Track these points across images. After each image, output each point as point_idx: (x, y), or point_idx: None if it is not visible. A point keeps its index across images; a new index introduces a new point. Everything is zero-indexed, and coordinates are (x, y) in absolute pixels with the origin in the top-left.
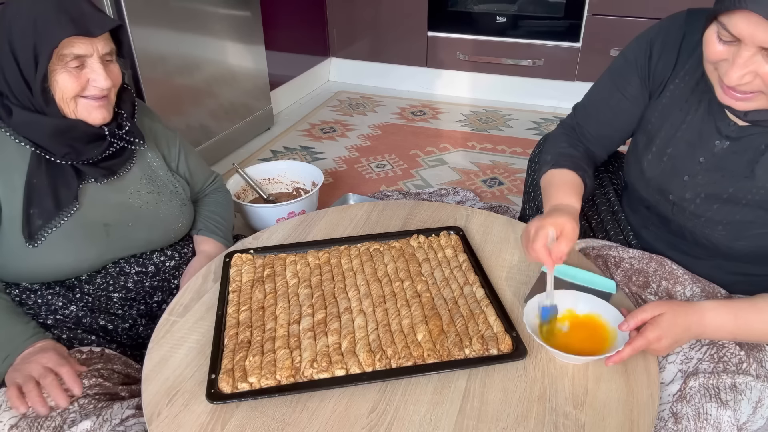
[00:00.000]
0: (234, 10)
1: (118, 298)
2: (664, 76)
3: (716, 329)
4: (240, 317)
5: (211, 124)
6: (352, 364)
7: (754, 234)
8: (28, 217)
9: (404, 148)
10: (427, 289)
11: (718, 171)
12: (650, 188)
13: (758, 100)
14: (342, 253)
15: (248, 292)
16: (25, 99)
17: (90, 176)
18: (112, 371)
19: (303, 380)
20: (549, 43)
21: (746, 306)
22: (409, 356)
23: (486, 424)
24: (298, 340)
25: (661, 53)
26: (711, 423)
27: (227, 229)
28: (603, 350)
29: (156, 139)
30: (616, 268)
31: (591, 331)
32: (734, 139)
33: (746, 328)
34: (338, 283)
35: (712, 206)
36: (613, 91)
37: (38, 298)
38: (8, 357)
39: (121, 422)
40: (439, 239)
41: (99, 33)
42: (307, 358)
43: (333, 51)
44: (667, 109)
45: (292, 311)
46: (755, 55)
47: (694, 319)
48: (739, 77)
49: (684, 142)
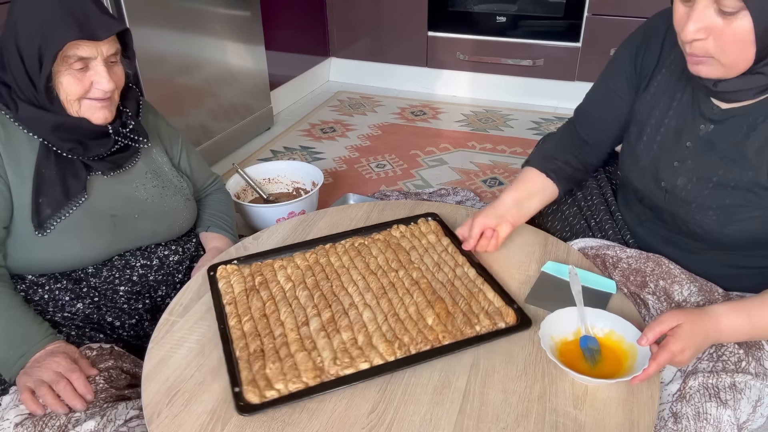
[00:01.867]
0: (234, 10)
1: (124, 292)
2: (649, 69)
3: (732, 332)
4: (244, 328)
5: (211, 124)
6: (374, 356)
7: (744, 218)
8: (37, 206)
9: (404, 148)
10: (423, 276)
11: (705, 155)
12: (644, 177)
13: (713, 66)
14: (329, 252)
15: (245, 302)
16: (31, 95)
17: (96, 169)
18: (120, 371)
19: (330, 378)
20: (549, 43)
21: (758, 304)
22: (426, 340)
23: (486, 424)
24: (312, 342)
25: (646, 48)
26: (711, 422)
27: (233, 226)
28: (624, 367)
29: (160, 136)
30: (614, 268)
31: (608, 351)
32: (718, 122)
33: (762, 326)
34: (335, 281)
35: (702, 191)
36: (607, 91)
37: (45, 293)
38: (23, 356)
39: (125, 423)
40: (419, 227)
41: (104, 37)
42: (328, 356)
43: (333, 51)
44: (655, 99)
45: (296, 314)
46: (707, 8)
47: (711, 325)
48: (694, 31)
49: (671, 129)
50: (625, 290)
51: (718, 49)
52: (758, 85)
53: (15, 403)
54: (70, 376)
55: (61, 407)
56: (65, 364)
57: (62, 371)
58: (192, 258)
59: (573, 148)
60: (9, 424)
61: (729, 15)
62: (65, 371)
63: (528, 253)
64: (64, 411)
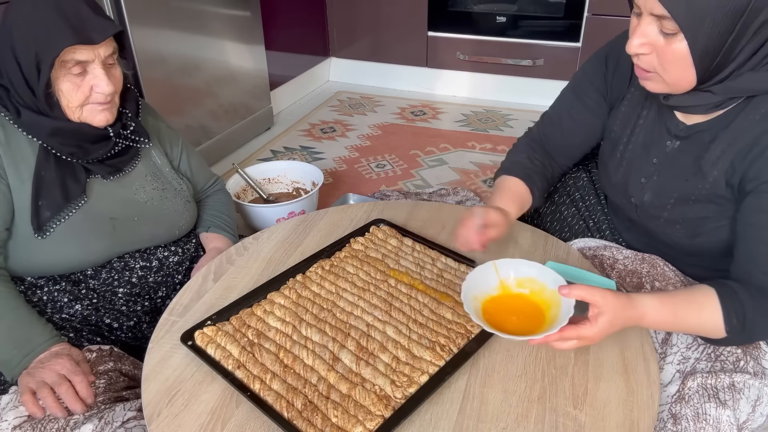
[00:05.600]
0: (234, 10)
1: (122, 294)
2: (622, 87)
3: (654, 325)
4: (274, 387)
5: (211, 124)
6: (426, 367)
7: (710, 229)
8: (36, 208)
9: (404, 148)
10: (412, 278)
11: (670, 170)
12: (617, 193)
13: (658, 82)
14: (306, 283)
15: (254, 360)
16: (30, 101)
17: (96, 173)
18: (119, 373)
19: (400, 403)
20: (549, 43)
21: (685, 305)
22: (459, 334)
23: (486, 424)
24: (357, 374)
25: (616, 66)
26: (710, 423)
27: (234, 226)
28: (546, 318)
29: (159, 138)
30: (611, 269)
31: (529, 304)
32: (683, 138)
33: (683, 325)
34: (334, 309)
35: (666, 206)
36: (574, 102)
37: (44, 294)
38: (27, 356)
39: (122, 424)
40: (375, 234)
41: (100, 40)
42: (383, 384)
43: (333, 51)
44: (627, 117)
45: (321, 354)
46: (651, 25)
47: (635, 317)
48: (637, 45)
49: (639, 145)
50: (622, 291)
51: (660, 66)
52: (708, 102)
53: (14, 404)
54: (73, 379)
55: (61, 411)
56: (69, 367)
57: (65, 373)
58: (191, 259)
59: (545, 162)
60: (7, 426)
61: (668, 36)
62: (68, 373)
63: (528, 253)
64: (64, 415)
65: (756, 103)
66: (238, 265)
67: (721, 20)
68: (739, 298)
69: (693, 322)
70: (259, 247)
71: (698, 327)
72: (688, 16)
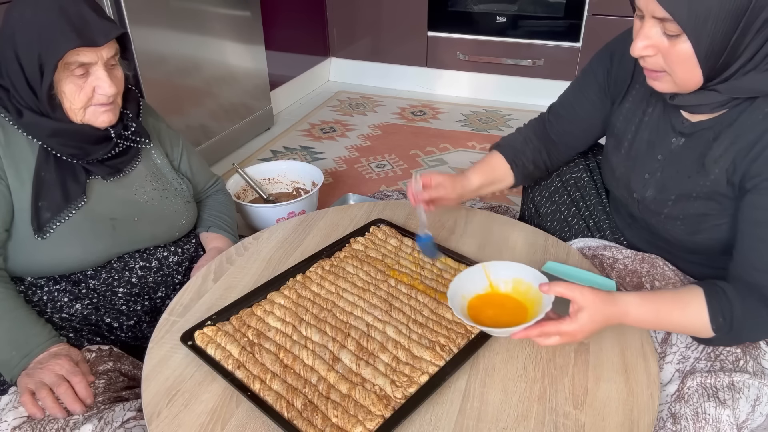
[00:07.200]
0: (234, 10)
1: (122, 293)
2: (624, 83)
3: (636, 323)
4: (274, 387)
5: (211, 124)
6: (426, 367)
7: (710, 226)
8: (36, 209)
9: (404, 148)
10: (412, 278)
11: (674, 167)
12: (619, 188)
13: (667, 81)
14: (306, 283)
15: (254, 360)
16: (32, 103)
17: (96, 173)
18: (119, 373)
19: (400, 403)
20: (549, 43)
21: (668, 304)
22: (459, 334)
23: (486, 424)
24: (357, 374)
25: (620, 62)
26: (710, 423)
27: (234, 226)
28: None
29: (160, 138)
30: (611, 269)
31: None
32: (688, 135)
33: (664, 324)
34: (334, 309)
35: (667, 202)
36: (577, 94)
37: (43, 294)
38: (26, 357)
39: (122, 424)
40: (375, 234)
41: (103, 42)
42: (383, 384)
43: (333, 51)
44: (630, 113)
45: (321, 354)
46: (654, 27)
47: (617, 315)
48: (641, 48)
49: (644, 142)
50: (622, 291)
51: (668, 67)
52: (714, 101)
53: (14, 405)
54: (71, 380)
55: (60, 412)
56: (68, 367)
57: (64, 374)
58: (191, 259)
59: (541, 147)
60: (7, 426)
61: (672, 37)
62: (67, 374)
63: (528, 253)
64: (63, 416)
65: (759, 103)
66: (238, 265)
67: (723, 20)
68: (727, 298)
69: (677, 320)
70: (259, 247)
71: (683, 325)
72: (690, 18)
